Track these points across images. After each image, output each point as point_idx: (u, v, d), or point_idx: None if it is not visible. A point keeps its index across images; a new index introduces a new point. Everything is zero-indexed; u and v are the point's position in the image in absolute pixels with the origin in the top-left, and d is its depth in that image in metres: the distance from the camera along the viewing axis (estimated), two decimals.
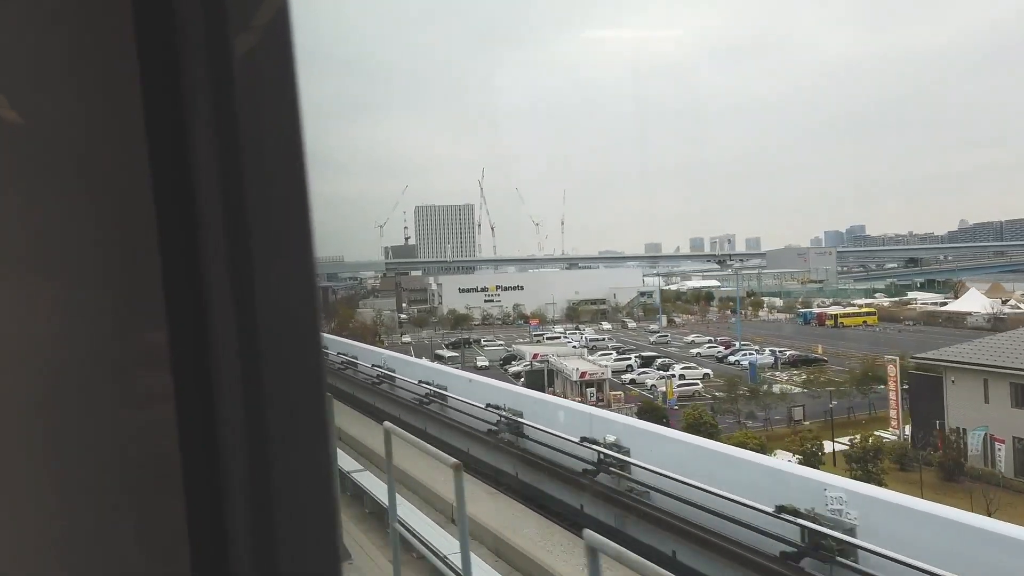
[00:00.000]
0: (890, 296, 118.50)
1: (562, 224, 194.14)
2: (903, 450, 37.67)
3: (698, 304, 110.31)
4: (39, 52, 1.01)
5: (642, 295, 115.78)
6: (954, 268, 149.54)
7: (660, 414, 42.20)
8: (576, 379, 51.48)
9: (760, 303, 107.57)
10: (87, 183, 1.04)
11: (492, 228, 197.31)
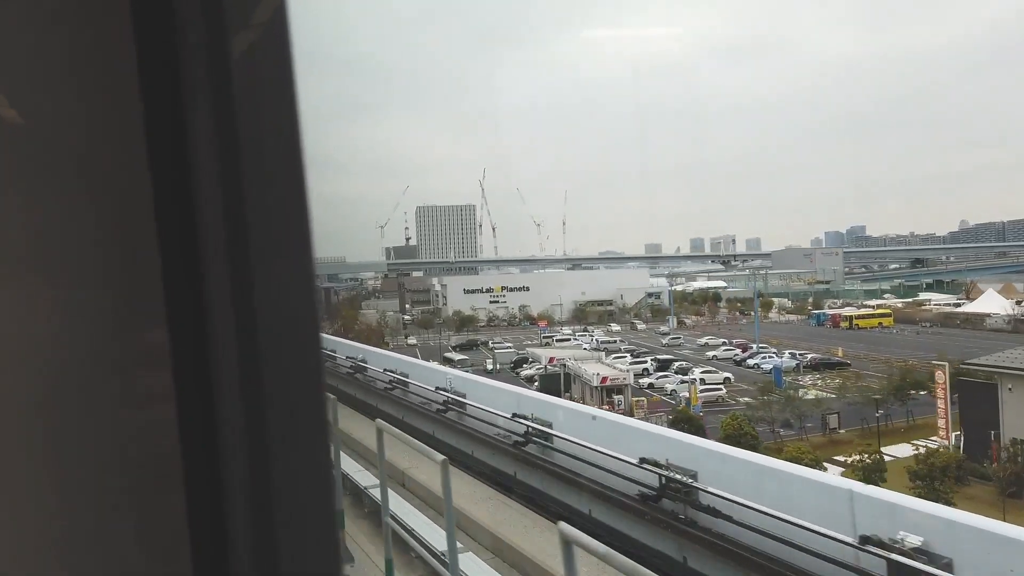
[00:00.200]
0: (899, 297, 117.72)
1: (563, 224, 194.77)
2: (957, 462, 34.33)
3: (706, 305, 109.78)
4: (39, 52, 1.01)
5: (649, 296, 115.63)
6: (960, 268, 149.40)
7: (696, 424, 38.75)
8: (596, 384, 48.89)
9: (770, 304, 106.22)
10: (87, 183, 1.05)
11: (493, 228, 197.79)
